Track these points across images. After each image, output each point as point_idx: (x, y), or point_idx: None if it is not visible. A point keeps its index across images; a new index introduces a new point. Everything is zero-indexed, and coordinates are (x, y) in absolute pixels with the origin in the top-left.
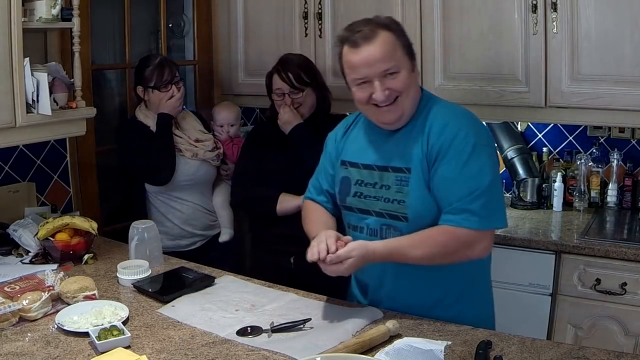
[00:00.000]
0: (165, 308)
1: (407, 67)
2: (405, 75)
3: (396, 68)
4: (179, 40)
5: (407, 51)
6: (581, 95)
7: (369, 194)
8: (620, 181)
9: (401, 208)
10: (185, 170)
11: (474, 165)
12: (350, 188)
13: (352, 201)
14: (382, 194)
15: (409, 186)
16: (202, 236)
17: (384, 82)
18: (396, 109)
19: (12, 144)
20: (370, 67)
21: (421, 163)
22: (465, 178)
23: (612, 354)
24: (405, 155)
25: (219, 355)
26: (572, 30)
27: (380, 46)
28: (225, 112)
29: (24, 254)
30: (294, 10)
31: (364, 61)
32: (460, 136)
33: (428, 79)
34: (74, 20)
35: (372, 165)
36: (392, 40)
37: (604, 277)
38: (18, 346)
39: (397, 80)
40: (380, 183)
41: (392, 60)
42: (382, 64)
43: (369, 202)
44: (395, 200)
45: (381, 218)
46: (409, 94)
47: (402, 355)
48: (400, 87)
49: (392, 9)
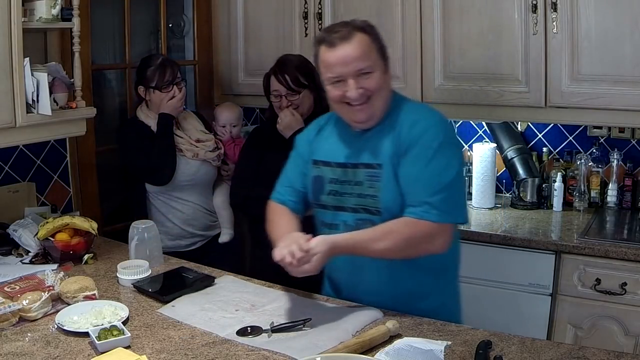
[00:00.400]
0: (166, 308)
1: (381, 68)
2: (378, 76)
3: (370, 68)
4: (179, 40)
5: (381, 54)
6: (581, 95)
7: (344, 192)
8: (620, 181)
9: (374, 202)
10: (185, 170)
11: (438, 163)
12: (324, 186)
13: (327, 199)
14: (355, 190)
15: (380, 181)
16: (202, 236)
17: (358, 81)
18: (368, 108)
19: (12, 144)
20: (346, 66)
21: (391, 158)
22: (428, 174)
23: (612, 354)
24: (376, 152)
25: (219, 355)
26: (572, 30)
27: (356, 46)
28: (228, 113)
29: (24, 254)
30: (294, 11)
31: (340, 60)
32: (428, 133)
33: (428, 79)
34: (74, 20)
35: (345, 163)
36: (368, 42)
37: (604, 277)
38: (18, 346)
39: (371, 80)
40: (354, 180)
41: (367, 60)
42: (357, 63)
43: (343, 199)
44: (368, 195)
45: (356, 213)
46: (381, 94)
47: (402, 355)
48: (373, 87)
49: (392, 9)
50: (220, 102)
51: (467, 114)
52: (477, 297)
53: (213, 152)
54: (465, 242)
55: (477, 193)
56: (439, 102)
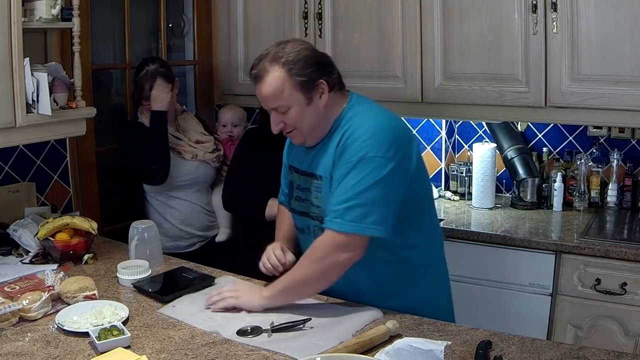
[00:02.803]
0: (166, 308)
1: (300, 102)
2: (296, 111)
3: (285, 107)
4: (179, 40)
5: (299, 86)
6: (581, 95)
7: (303, 198)
8: (620, 181)
9: (320, 212)
10: (184, 170)
11: (354, 174)
12: (293, 192)
13: (294, 204)
14: (308, 197)
15: (321, 192)
16: (201, 237)
17: (276, 115)
18: (298, 134)
19: (12, 144)
20: (264, 103)
21: (330, 170)
22: (343, 185)
23: (612, 354)
24: (320, 163)
25: (219, 355)
26: (572, 30)
27: (267, 86)
28: (230, 113)
29: (24, 254)
30: (294, 11)
31: (260, 97)
32: (353, 146)
33: (428, 79)
34: (74, 20)
35: (304, 171)
36: (282, 78)
37: (604, 277)
38: (18, 346)
39: (288, 116)
40: (308, 188)
41: (279, 100)
42: (271, 102)
43: (304, 205)
44: (314, 204)
45: (314, 220)
46: (305, 126)
47: (402, 355)
48: (291, 122)
49: (392, 9)
50: (220, 102)
51: (467, 114)
52: (477, 297)
53: (212, 153)
54: (465, 242)
55: (477, 193)
56: (439, 102)
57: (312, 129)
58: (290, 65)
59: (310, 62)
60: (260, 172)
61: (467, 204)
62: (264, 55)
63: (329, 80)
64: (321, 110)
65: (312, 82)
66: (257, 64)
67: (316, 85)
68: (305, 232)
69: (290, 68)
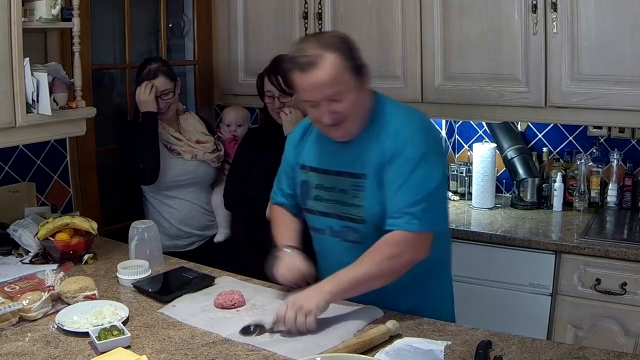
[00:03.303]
0: (166, 308)
1: (355, 88)
2: (352, 98)
3: (341, 94)
4: (179, 40)
5: (355, 72)
6: (581, 95)
7: (328, 198)
8: (620, 181)
9: (358, 211)
10: (183, 170)
11: (420, 174)
12: (310, 191)
13: (313, 204)
14: (339, 197)
15: (365, 191)
16: (200, 236)
17: (330, 105)
18: (342, 127)
19: (12, 144)
20: (316, 92)
21: (376, 169)
22: (410, 185)
23: (612, 354)
24: (360, 161)
25: (219, 355)
26: (572, 30)
27: (325, 72)
28: (234, 112)
29: (24, 254)
30: (294, 11)
31: (310, 86)
32: (411, 143)
33: (428, 79)
34: (74, 20)
35: (329, 170)
36: (339, 63)
37: (604, 277)
38: (18, 346)
39: (343, 104)
40: (338, 187)
41: (338, 85)
42: (327, 90)
43: (328, 205)
44: (353, 204)
45: (341, 220)
46: (356, 114)
47: (402, 355)
48: (346, 110)
49: (392, 9)
50: (220, 102)
51: (467, 114)
52: (477, 297)
53: (212, 153)
54: (466, 242)
55: (477, 193)
56: (439, 102)
57: (361, 116)
58: (343, 50)
59: (357, 48)
60: (261, 172)
61: (467, 204)
62: (305, 44)
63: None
64: (367, 97)
65: (362, 66)
66: (302, 52)
67: (364, 69)
68: (325, 233)
69: (344, 52)
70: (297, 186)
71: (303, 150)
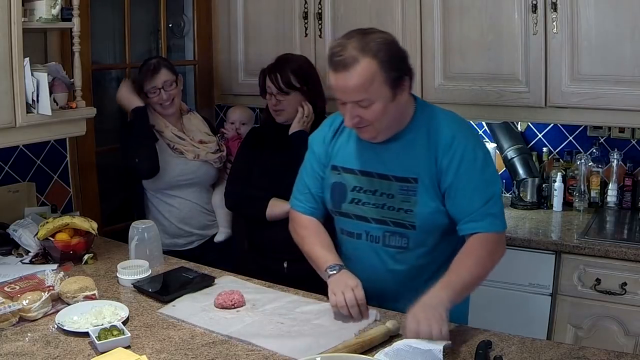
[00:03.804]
0: (167, 308)
1: (385, 97)
2: (379, 107)
3: (369, 101)
4: (179, 40)
5: (389, 81)
6: (581, 95)
7: (368, 201)
8: (620, 181)
9: (408, 217)
10: (185, 170)
11: (488, 173)
12: (346, 194)
13: (349, 207)
14: (384, 201)
15: (416, 196)
16: (200, 236)
17: (355, 108)
18: (370, 130)
19: (12, 144)
20: (344, 94)
21: (429, 174)
22: (483, 186)
23: (612, 354)
24: (411, 166)
25: (219, 355)
26: (572, 30)
27: (355, 77)
28: (239, 112)
29: (24, 254)
30: (294, 11)
31: (339, 87)
32: (470, 148)
33: (428, 79)
34: (74, 20)
35: (371, 172)
36: (373, 70)
37: (604, 277)
38: (18, 346)
39: (369, 111)
40: (381, 191)
41: (366, 93)
42: (355, 95)
43: (367, 209)
44: (402, 209)
45: (384, 225)
46: (384, 121)
47: (402, 355)
48: (370, 118)
49: (392, 9)
50: (220, 102)
51: (467, 114)
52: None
53: (215, 153)
54: None
55: None
56: (439, 102)
57: (389, 125)
58: (383, 59)
59: (399, 57)
60: (262, 172)
61: None
62: (348, 41)
63: (411, 77)
64: (401, 107)
65: (400, 78)
66: (340, 50)
67: (402, 81)
68: (361, 238)
69: (382, 62)
70: (327, 189)
71: (335, 149)
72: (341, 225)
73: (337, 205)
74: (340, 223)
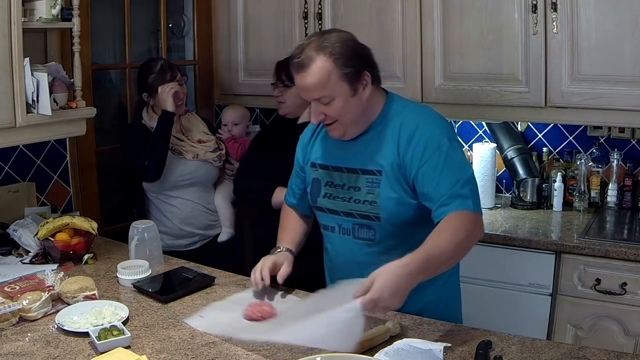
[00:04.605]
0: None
1: (345, 93)
2: (340, 103)
3: (329, 97)
4: (179, 40)
5: (346, 77)
6: (581, 95)
7: (337, 195)
8: (620, 181)
9: (373, 209)
10: (185, 170)
11: (455, 157)
12: (320, 189)
13: (322, 202)
14: (351, 194)
15: (379, 188)
16: (202, 236)
17: (319, 106)
18: (338, 127)
19: (12, 144)
20: (306, 93)
21: (392, 166)
22: (450, 170)
23: (612, 354)
24: (375, 159)
25: (219, 355)
26: (572, 30)
27: (312, 76)
28: (231, 112)
29: (24, 254)
30: (294, 11)
31: (300, 87)
32: (434, 135)
33: (428, 79)
34: (74, 20)
35: (341, 167)
36: (328, 67)
37: (604, 277)
38: (18, 346)
39: (331, 107)
40: (349, 184)
41: (324, 90)
42: (314, 93)
43: (337, 203)
44: (367, 201)
45: (352, 218)
46: (348, 117)
47: (402, 355)
48: (333, 114)
49: (392, 9)
50: (220, 102)
51: (467, 114)
52: (477, 297)
53: (214, 152)
54: None
55: None
56: (439, 102)
57: (354, 121)
58: (337, 56)
59: (356, 53)
60: (270, 167)
61: None
62: (307, 43)
63: (372, 72)
64: (364, 102)
65: (357, 73)
66: (299, 52)
67: (361, 76)
68: (335, 231)
69: (337, 58)
70: (308, 185)
71: (314, 148)
72: (319, 220)
73: (314, 200)
74: (318, 217)
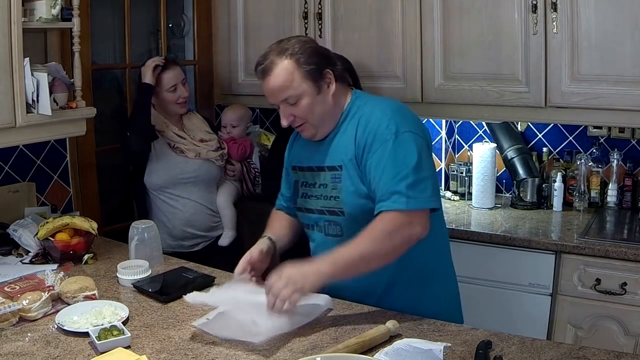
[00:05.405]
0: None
1: (310, 91)
2: (306, 102)
3: (295, 97)
4: (179, 40)
5: (309, 75)
6: (581, 95)
7: (311, 194)
8: (620, 181)
9: (337, 204)
10: (187, 168)
11: (398, 151)
12: (298, 190)
13: (300, 202)
14: (321, 192)
15: (341, 182)
16: (205, 237)
17: (287, 107)
18: (309, 127)
19: (12, 144)
20: (272, 97)
21: (350, 159)
22: (390, 166)
23: (612, 354)
24: (339, 154)
25: (219, 355)
26: (572, 30)
27: (276, 78)
28: (230, 113)
29: (24, 254)
30: (294, 11)
31: (267, 91)
32: (382, 126)
33: (428, 79)
34: (74, 20)
35: (312, 167)
36: (290, 68)
37: (604, 277)
38: (18, 346)
39: (298, 107)
40: (319, 182)
41: (289, 90)
42: (280, 94)
43: (311, 202)
44: (332, 197)
45: (323, 215)
46: (316, 116)
47: (402, 355)
48: (301, 114)
49: (392, 9)
50: (220, 102)
51: (467, 114)
52: (477, 297)
53: (216, 151)
54: (466, 242)
55: (477, 193)
56: (439, 102)
57: (322, 119)
58: (298, 55)
59: (316, 52)
60: None
61: (467, 204)
62: (269, 51)
63: (334, 70)
64: (330, 100)
65: (319, 70)
66: (262, 59)
67: (324, 74)
68: (313, 229)
69: (298, 58)
70: (291, 188)
71: (294, 151)
72: (301, 220)
73: (295, 201)
74: (300, 217)
